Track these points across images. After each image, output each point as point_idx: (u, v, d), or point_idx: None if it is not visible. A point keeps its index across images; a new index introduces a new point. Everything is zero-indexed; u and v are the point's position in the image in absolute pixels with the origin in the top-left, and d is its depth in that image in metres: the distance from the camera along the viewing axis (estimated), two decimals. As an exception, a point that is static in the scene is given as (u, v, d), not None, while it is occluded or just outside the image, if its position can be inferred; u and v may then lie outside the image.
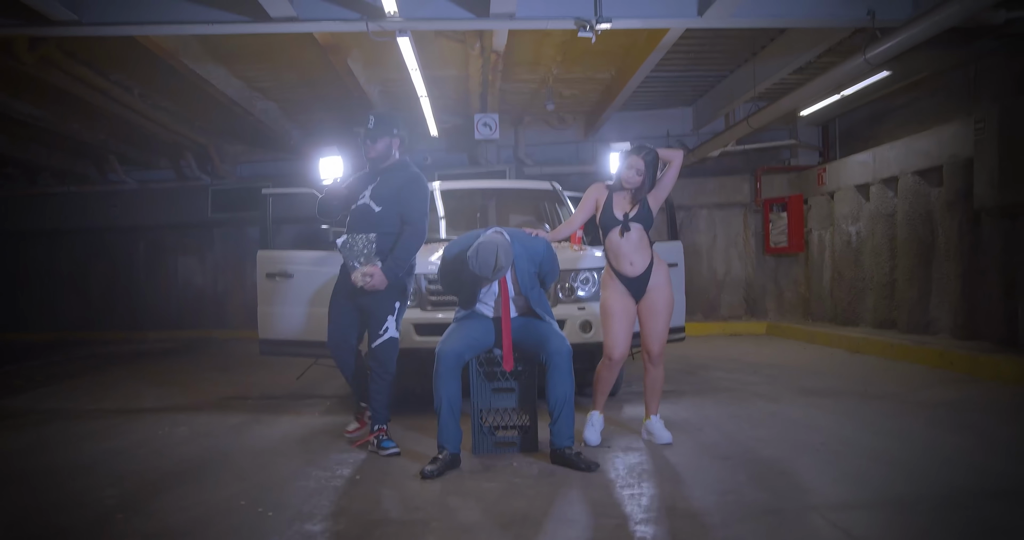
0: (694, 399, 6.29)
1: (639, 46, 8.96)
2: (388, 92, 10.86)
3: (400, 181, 4.81)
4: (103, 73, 9.61)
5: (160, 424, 5.88)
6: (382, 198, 4.75)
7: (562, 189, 7.92)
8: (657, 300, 4.73)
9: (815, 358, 8.95)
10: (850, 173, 10.89)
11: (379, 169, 4.88)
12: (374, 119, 4.82)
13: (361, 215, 4.76)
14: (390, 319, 4.72)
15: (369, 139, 4.82)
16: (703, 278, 12.91)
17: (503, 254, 4.16)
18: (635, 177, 4.64)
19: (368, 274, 4.58)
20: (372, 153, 4.84)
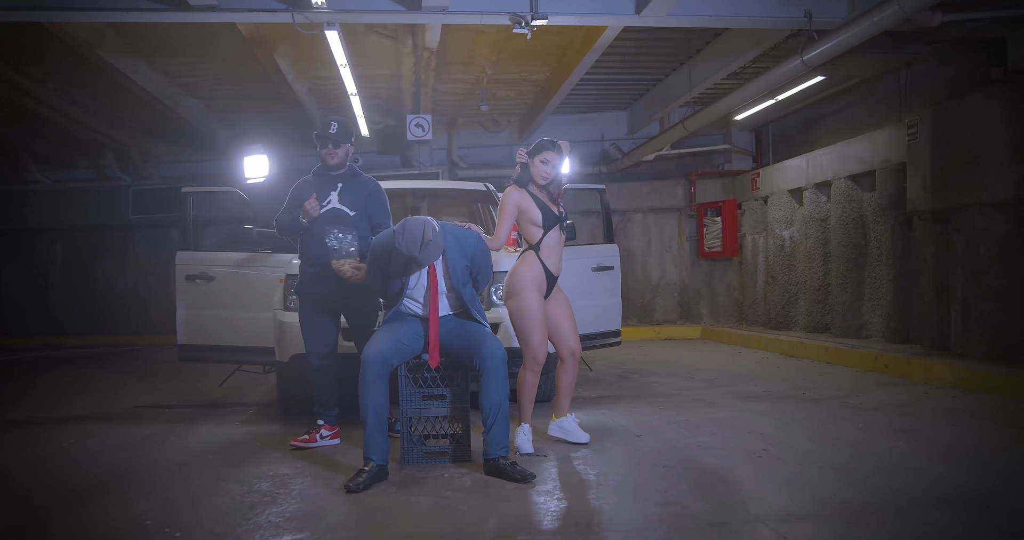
0: (631, 405, 6.14)
1: (575, 46, 8.82)
2: (317, 90, 10.55)
3: (368, 189, 5.03)
4: (13, 65, 9.13)
5: (69, 435, 5.49)
6: (353, 203, 4.90)
7: (495, 190, 7.71)
8: (563, 298, 4.78)
9: (751, 362, 8.91)
10: (784, 178, 10.92)
11: (335, 175, 4.96)
12: (337, 125, 4.88)
13: (334, 218, 4.81)
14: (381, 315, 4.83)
15: (332, 144, 4.88)
16: (638, 282, 12.84)
17: (430, 231, 3.95)
18: (549, 171, 4.62)
19: (357, 267, 4.61)
20: (334, 159, 4.90)
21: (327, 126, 4.88)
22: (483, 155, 13.33)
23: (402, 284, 4.25)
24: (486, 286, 4.69)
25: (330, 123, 4.89)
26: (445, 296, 4.30)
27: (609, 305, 7.30)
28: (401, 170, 12.94)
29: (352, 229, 4.69)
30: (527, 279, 4.56)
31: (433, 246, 3.97)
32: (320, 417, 4.89)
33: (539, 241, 4.60)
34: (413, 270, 4.20)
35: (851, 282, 9.34)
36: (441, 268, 4.26)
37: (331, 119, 4.95)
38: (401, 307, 4.33)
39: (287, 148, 13.02)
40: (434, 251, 4.01)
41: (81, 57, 8.20)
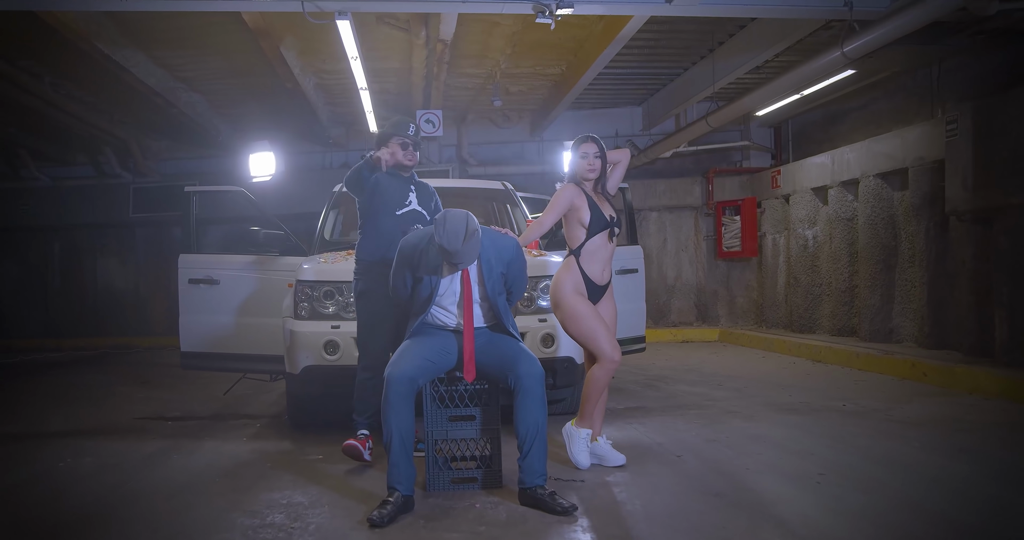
0: (663, 418, 5.77)
1: (594, 38, 8.45)
2: (324, 85, 10.18)
3: (433, 196, 4.97)
4: (7, 58, 8.77)
5: (63, 453, 5.13)
6: (427, 208, 4.83)
7: (514, 189, 7.33)
8: (610, 307, 4.44)
9: (777, 368, 8.54)
10: (807, 176, 10.54)
11: (406, 177, 4.83)
12: (414, 127, 4.78)
13: (414, 222, 4.72)
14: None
15: (414, 146, 4.76)
16: (653, 283, 12.44)
17: (473, 223, 3.65)
18: (594, 161, 4.34)
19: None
20: (414, 161, 4.79)
21: (403, 126, 4.72)
22: (494, 152, 12.96)
23: (431, 290, 3.89)
24: (519, 299, 4.31)
25: (407, 123, 4.75)
26: (478, 305, 3.94)
27: (633, 310, 6.96)
28: (409, 167, 12.56)
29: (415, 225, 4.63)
30: (568, 286, 4.26)
31: (475, 241, 3.67)
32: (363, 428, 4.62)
33: (581, 245, 4.25)
34: (447, 272, 3.84)
35: (880, 284, 8.96)
36: (475, 274, 3.90)
37: (402, 120, 4.81)
38: (428, 317, 3.96)
39: (292, 145, 12.70)
40: (475, 248, 3.70)
41: (78, 49, 7.82)
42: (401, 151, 4.65)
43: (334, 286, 5.34)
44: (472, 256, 3.73)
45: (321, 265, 5.51)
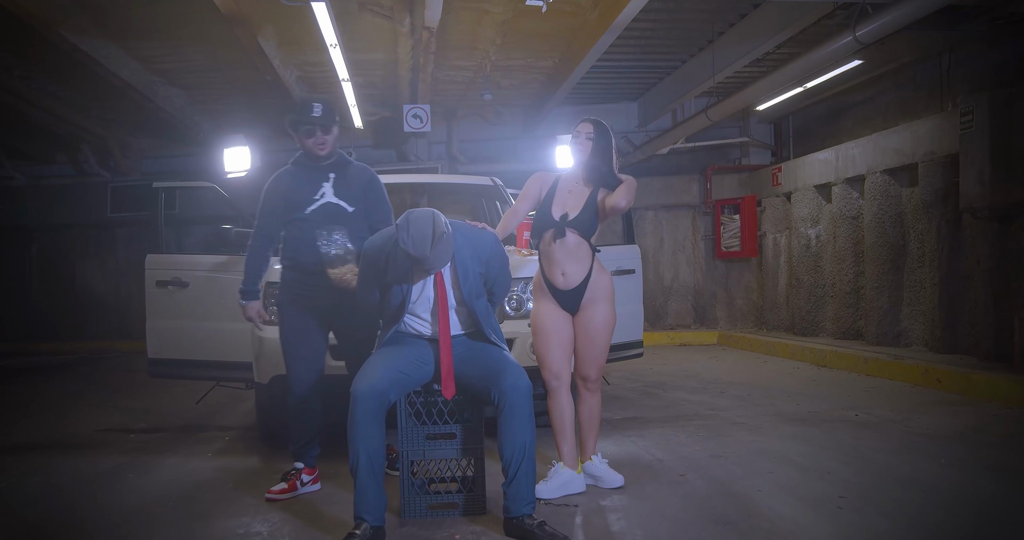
0: (663, 430, 5.36)
1: (588, 27, 8.02)
2: (307, 78, 9.74)
3: (363, 180, 4.19)
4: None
5: (12, 471, 4.72)
6: (351, 198, 4.09)
7: (503, 185, 6.91)
8: (593, 318, 3.85)
9: (780, 373, 8.13)
10: (809, 173, 10.15)
11: (325, 165, 4.11)
12: (321, 106, 4.01)
13: (329, 215, 4.02)
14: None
15: (321, 130, 4.01)
16: (649, 284, 12.02)
17: (441, 223, 3.18)
18: (584, 143, 3.86)
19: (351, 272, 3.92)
20: (326, 147, 4.06)
21: (307, 108, 3.99)
22: (485, 149, 12.54)
23: (403, 297, 3.45)
24: (504, 299, 3.88)
25: (311, 105, 3.99)
26: (455, 311, 3.51)
27: (630, 313, 6.54)
28: (398, 164, 12.16)
29: (346, 228, 3.96)
30: (536, 285, 3.96)
31: (445, 244, 3.20)
32: (299, 459, 4.06)
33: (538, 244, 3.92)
34: (418, 277, 3.42)
35: (888, 285, 8.56)
36: (450, 276, 3.46)
37: (311, 100, 4.04)
38: (401, 326, 3.54)
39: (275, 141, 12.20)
40: (446, 251, 3.25)
41: (44, 39, 7.37)
42: (307, 140, 4.00)
43: (306, 288, 4.92)
44: (444, 259, 3.29)
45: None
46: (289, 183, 4.09)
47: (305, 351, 4.02)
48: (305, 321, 4.01)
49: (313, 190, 4.05)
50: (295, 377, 4.04)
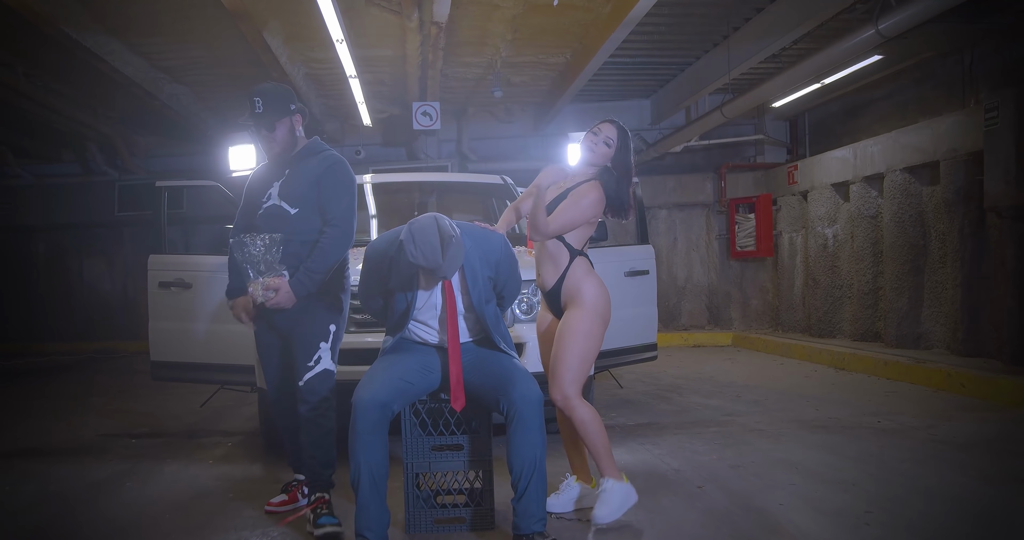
0: (678, 438, 5.17)
1: (601, 22, 7.84)
2: (314, 75, 9.58)
3: (316, 170, 3.57)
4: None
5: (6, 479, 4.58)
6: (296, 196, 3.55)
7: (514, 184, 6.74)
8: (564, 321, 3.45)
9: (798, 377, 7.93)
10: (826, 171, 9.94)
11: (285, 160, 3.64)
12: (261, 101, 3.51)
13: (271, 220, 3.53)
14: (323, 347, 3.55)
15: (265, 128, 3.55)
16: (663, 284, 11.81)
17: (447, 228, 3.00)
18: (604, 149, 3.52)
19: (271, 288, 3.37)
20: (276, 146, 3.59)
21: (251, 105, 3.52)
22: (495, 147, 12.36)
23: (407, 303, 3.28)
24: (513, 303, 3.69)
25: (252, 101, 3.51)
26: (463, 317, 3.33)
27: (643, 315, 6.40)
28: (407, 163, 12.00)
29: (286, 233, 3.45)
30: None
31: (455, 247, 3.02)
32: (299, 471, 3.84)
33: None
34: (425, 284, 3.24)
35: (907, 286, 8.35)
36: (458, 281, 3.29)
37: (253, 93, 3.54)
38: (406, 333, 3.38)
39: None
40: (458, 254, 3.06)
41: (45, 36, 7.22)
42: (257, 140, 3.64)
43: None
44: (458, 263, 3.10)
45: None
46: (252, 182, 3.76)
47: (271, 370, 3.76)
48: (268, 338, 3.72)
49: (264, 190, 3.63)
50: (272, 394, 3.81)
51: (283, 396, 3.73)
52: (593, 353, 3.44)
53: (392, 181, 7.05)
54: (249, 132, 3.65)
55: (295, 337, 3.55)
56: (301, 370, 3.51)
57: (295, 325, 3.55)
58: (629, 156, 3.52)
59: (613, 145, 3.50)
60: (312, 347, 3.52)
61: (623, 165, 3.53)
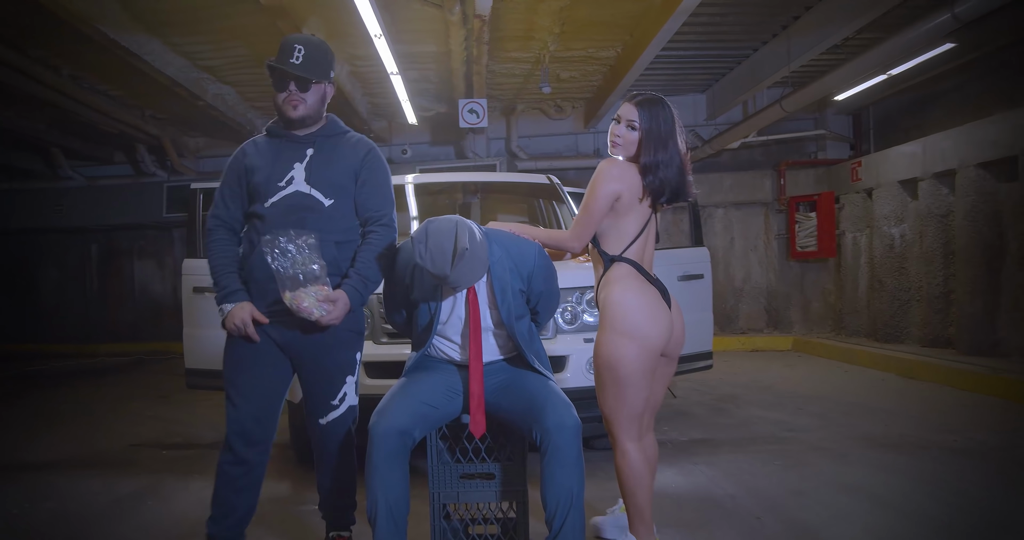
0: (734, 457, 4.81)
1: (652, 14, 7.48)
2: (358, 73, 9.37)
3: (353, 155, 3.03)
4: (19, 48, 8.10)
5: (28, 494, 4.42)
6: (331, 184, 2.97)
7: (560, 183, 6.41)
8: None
9: (862, 386, 7.47)
10: (892, 167, 9.42)
11: (303, 136, 3.02)
12: (303, 50, 2.91)
13: (294, 211, 2.91)
14: (349, 381, 3.07)
15: (296, 84, 2.93)
16: (719, 285, 11.41)
17: (466, 235, 2.64)
18: (631, 135, 2.93)
19: (329, 299, 2.84)
20: (298, 109, 2.95)
21: (286, 51, 2.92)
22: (545, 145, 12.04)
23: (431, 317, 2.99)
24: (550, 319, 3.36)
25: (292, 47, 2.91)
26: (492, 334, 3.03)
27: (699, 321, 6.01)
28: (455, 162, 11.75)
29: (316, 230, 2.85)
30: None
31: (472, 259, 2.68)
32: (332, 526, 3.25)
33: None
34: (446, 294, 2.95)
35: (982, 290, 7.83)
36: (485, 293, 2.97)
37: (293, 41, 2.95)
38: (430, 350, 3.08)
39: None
40: (473, 266, 2.72)
41: (84, 36, 7.09)
42: (279, 94, 2.95)
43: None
44: (471, 277, 2.78)
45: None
46: (254, 160, 3.02)
47: (249, 395, 2.97)
48: (253, 355, 2.97)
49: (280, 172, 2.95)
50: (233, 428, 2.97)
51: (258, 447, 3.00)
52: (631, 386, 2.86)
53: (434, 181, 6.78)
54: (275, 84, 2.95)
55: (315, 368, 3.02)
56: (322, 408, 3.05)
57: (317, 352, 2.99)
58: (660, 123, 2.90)
59: (640, 126, 2.91)
60: (337, 381, 3.04)
61: (654, 134, 2.89)
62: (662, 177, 2.90)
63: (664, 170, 2.90)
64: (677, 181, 2.93)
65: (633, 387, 2.86)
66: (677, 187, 2.94)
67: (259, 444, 3.01)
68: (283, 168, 2.96)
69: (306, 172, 2.95)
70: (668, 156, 2.90)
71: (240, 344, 2.98)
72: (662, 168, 2.89)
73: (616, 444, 2.94)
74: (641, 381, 2.87)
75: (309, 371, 3.04)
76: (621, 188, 2.89)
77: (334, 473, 3.15)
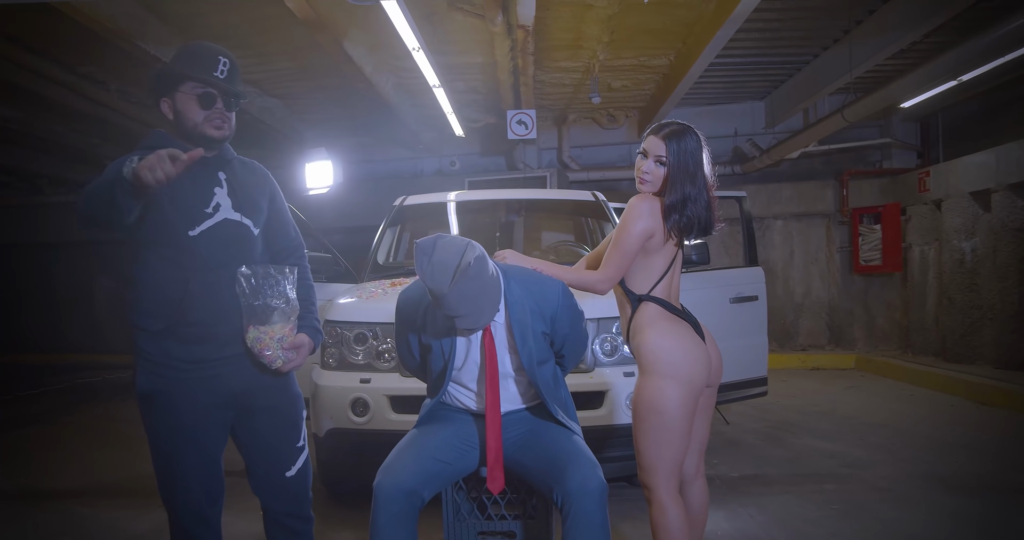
0: (787, 498, 4.48)
1: (704, 21, 7.17)
2: (404, 85, 9.18)
3: (259, 180, 2.73)
4: (66, 65, 8.11)
5: (49, 525, 4.30)
6: (255, 211, 2.65)
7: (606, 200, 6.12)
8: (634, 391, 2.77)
9: (931, 412, 7.03)
10: (963, 177, 8.92)
11: (212, 158, 2.59)
12: (228, 63, 2.55)
13: (225, 241, 2.56)
14: (303, 428, 2.77)
15: (223, 101, 2.54)
16: (778, 300, 10.98)
17: (467, 262, 2.38)
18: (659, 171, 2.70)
19: (295, 347, 2.58)
20: (225, 130, 2.56)
21: (208, 60, 2.51)
22: (597, 155, 11.74)
23: (445, 362, 2.75)
24: (577, 363, 3.08)
25: (216, 59, 2.52)
26: (512, 380, 2.78)
27: (753, 346, 5.76)
28: (505, 173, 11.51)
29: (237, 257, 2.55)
30: None
31: (474, 284, 2.41)
32: None
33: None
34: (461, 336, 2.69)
35: (1062, 310, 7.34)
36: (504, 336, 2.72)
37: (200, 49, 2.56)
38: (445, 397, 2.84)
39: (379, 150, 11.92)
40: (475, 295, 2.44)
41: (124, 52, 7.04)
42: (201, 111, 2.50)
43: (367, 327, 4.31)
44: (472, 308, 2.47)
45: (354, 301, 4.51)
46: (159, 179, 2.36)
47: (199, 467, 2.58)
48: (190, 421, 2.53)
49: (202, 198, 2.55)
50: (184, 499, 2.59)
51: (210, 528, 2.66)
52: (674, 431, 2.64)
53: (475, 199, 6.56)
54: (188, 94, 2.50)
55: (272, 413, 2.66)
56: (289, 455, 2.70)
57: (274, 392, 2.65)
58: (688, 157, 2.69)
59: (668, 160, 2.70)
60: (298, 420, 2.72)
61: (682, 168, 2.68)
62: (689, 214, 2.70)
63: (692, 206, 2.70)
64: (705, 218, 2.75)
65: (677, 432, 2.65)
66: (705, 224, 2.76)
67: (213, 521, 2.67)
68: (204, 195, 2.55)
69: (230, 198, 2.59)
70: (696, 190, 2.71)
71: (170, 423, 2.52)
72: (690, 205, 2.70)
73: (653, 498, 2.68)
74: (686, 426, 2.67)
75: (268, 416, 2.66)
76: (654, 225, 2.71)
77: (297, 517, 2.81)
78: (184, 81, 2.50)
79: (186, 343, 2.51)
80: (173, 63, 2.53)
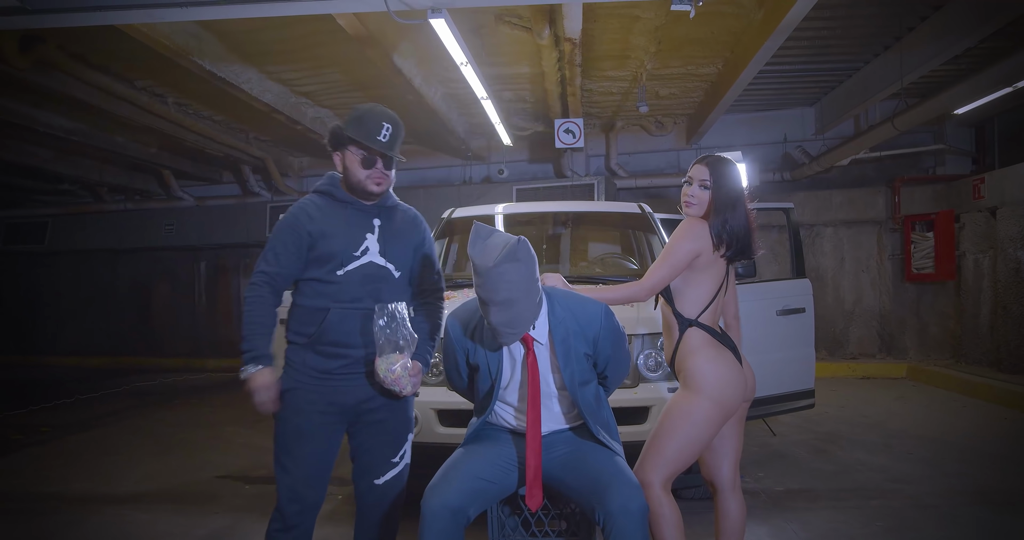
0: (832, 513, 4.47)
1: (753, 30, 7.16)
2: (453, 95, 9.30)
3: (412, 230, 3.12)
4: (126, 79, 8.38)
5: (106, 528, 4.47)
6: (400, 258, 3.06)
7: (653, 212, 6.15)
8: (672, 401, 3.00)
9: (983, 425, 6.94)
10: (1020, 184, 8.77)
11: (371, 206, 3.02)
12: (391, 128, 2.90)
13: (372, 280, 2.96)
14: (409, 438, 3.14)
15: (383, 163, 2.93)
16: (828, 308, 10.88)
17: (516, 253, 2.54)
18: (704, 194, 2.98)
19: (415, 374, 2.91)
20: (384, 186, 2.97)
21: (375, 128, 2.86)
22: (645, 161, 11.75)
23: (491, 382, 2.83)
24: (619, 385, 3.13)
25: (380, 124, 2.88)
26: (556, 400, 2.85)
27: (799, 358, 5.75)
28: (553, 180, 11.57)
29: (388, 299, 2.91)
30: None
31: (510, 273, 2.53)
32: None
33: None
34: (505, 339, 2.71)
35: (1120, 321, 7.19)
36: (547, 357, 2.79)
37: (369, 114, 2.92)
38: (491, 417, 2.92)
39: (429, 158, 12.08)
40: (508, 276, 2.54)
41: (182, 68, 7.25)
42: (363, 170, 2.91)
43: (415, 342, 4.40)
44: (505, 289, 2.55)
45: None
46: (321, 225, 2.94)
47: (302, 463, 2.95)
48: (311, 426, 2.95)
49: (354, 241, 2.96)
50: (285, 494, 2.97)
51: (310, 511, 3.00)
52: (697, 444, 2.90)
53: (522, 211, 6.63)
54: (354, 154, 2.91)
55: (379, 427, 3.03)
56: (380, 467, 3.05)
57: (387, 411, 3.02)
58: (729, 182, 2.96)
59: (711, 184, 2.97)
60: (400, 439, 3.09)
61: (724, 192, 2.95)
62: (730, 234, 2.95)
63: (733, 226, 2.95)
64: (745, 241, 2.98)
65: (701, 444, 2.93)
66: (744, 247, 2.99)
67: (309, 509, 2.99)
68: (356, 237, 2.98)
69: (379, 244, 3.00)
70: (736, 216, 2.95)
71: (297, 415, 2.95)
72: (730, 226, 2.95)
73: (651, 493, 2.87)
74: (708, 442, 2.96)
75: (373, 430, 3.05)
76: (701, 247, 2.95)
77: (379, 533, 3.09)
78: (352, 143, 2.90)
79: (321, 357, 2.94)
80: (345, 125, 2.94)
